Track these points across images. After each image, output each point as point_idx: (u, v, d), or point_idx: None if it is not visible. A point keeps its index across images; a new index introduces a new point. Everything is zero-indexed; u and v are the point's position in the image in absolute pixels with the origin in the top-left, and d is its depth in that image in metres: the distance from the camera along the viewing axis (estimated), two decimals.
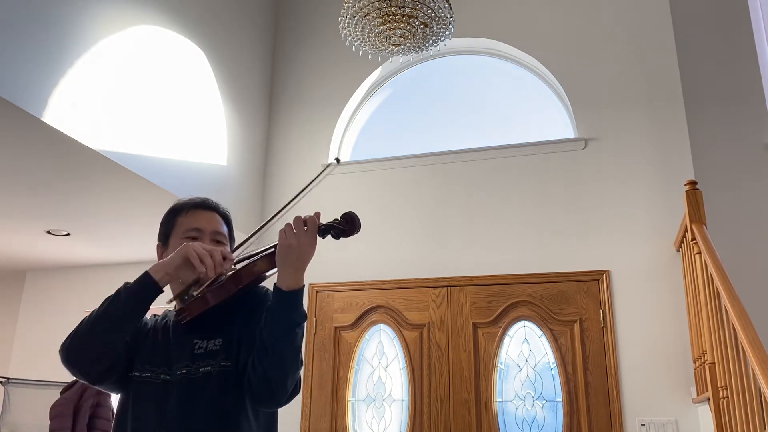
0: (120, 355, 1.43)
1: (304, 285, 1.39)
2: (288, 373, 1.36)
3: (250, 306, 1.50)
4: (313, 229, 1.38)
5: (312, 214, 1.41)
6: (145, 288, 1.37)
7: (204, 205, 1.61)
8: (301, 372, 1.43)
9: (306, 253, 1.37)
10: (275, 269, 1.42)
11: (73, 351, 1.37)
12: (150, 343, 1.51)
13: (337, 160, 1.51)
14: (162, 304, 1.48)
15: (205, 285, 1.44)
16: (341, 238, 1.43)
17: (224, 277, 1.46)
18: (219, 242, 1.57)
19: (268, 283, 1.49)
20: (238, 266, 1.50)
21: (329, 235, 1.43)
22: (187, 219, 1.57)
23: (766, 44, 3.76)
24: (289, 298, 1.36)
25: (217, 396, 1.40)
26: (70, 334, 1.39)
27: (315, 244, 1.39)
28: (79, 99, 2.95)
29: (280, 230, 1.39)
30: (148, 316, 1.63)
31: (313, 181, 1.48)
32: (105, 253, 4.77)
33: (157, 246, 1.61)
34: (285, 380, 1.36)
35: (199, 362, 1.42)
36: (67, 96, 2.88)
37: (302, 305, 1.38)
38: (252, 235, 1.57)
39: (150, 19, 3.49)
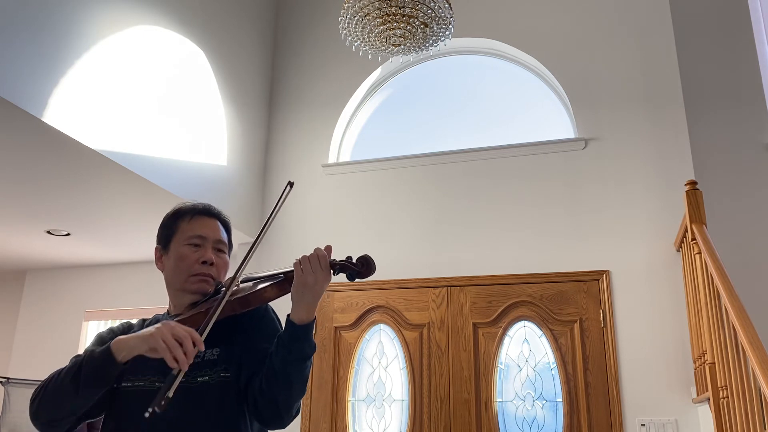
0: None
1: (315, 317, 1.40)
2: (295, 400, 1.40)
3: (250, 321, 1.50)
4: (327, 266, 1.39)
5: (323, 249, 1.41)
6: (107, 365, 1.32)
7: (207, 212, 1.60)
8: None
9: (320, 289, 1.38)
10: (284, 295, 1.44)
11: (35, 410, 1.38)
12: None
13: (291, 183, 1.50)
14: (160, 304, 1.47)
15: (209, 300, 1.44)
16: (356, 279, 1.44)
17: (228, 293, 1.44)
18: (220, 251, 1.57)
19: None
20: (242, 285, 1.49)
21: (342, 274, 1.43)
22: (191, 225, 1.56)
23: (766, 44, 3.76)
24: (302, 331, 1.37)
25: (217, 407, 1.40)
26: (38, 389, 1.39)
27: (329, 280, 1.39)
28: (79, 99, 2.95)
29: (295, 263, 1.39)
30: (134, 321, 1.64)
31: (279, 202, 1.48)
32: (105, 253, 4.77)
33: (156, 249, 1.60)
34: (291, 406, 1.40)
35: (196, 371, 1.41)
36: (67, 96, 2.88)
37: (312, 337, 1.40)
38: (247, 256, 1.50)
39: (150, 19, 3.49)
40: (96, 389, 1.34)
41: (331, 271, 1.41)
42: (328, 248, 1.42)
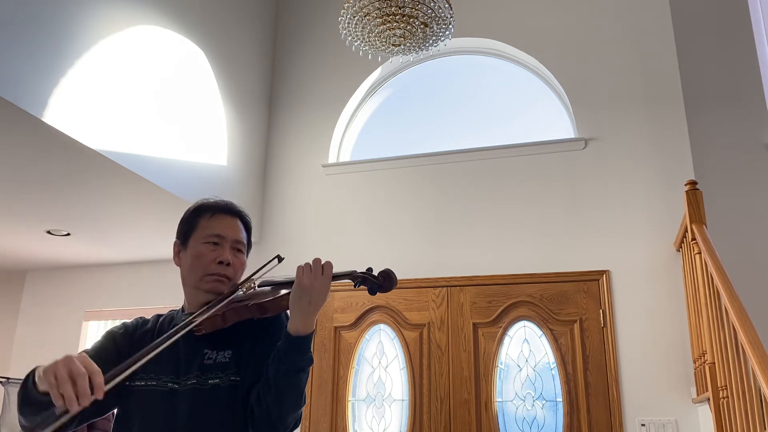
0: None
1: (314, 330, 1.37)
2: (288, 412, 1.36)
3: (263, 325, 1.47)
4: (329, 274, 1.37)
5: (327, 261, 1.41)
6: (33, 392, 1.22)
7: (228, 210, 1.57)
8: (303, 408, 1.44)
9: (318, 298, 1.35)
10: None
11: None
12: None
13: (279, 258, 1.55)
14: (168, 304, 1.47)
15: (226, 302, 1.44)
16: (377, 293, 1.44)
17: (245, 296, 1.45)
18: (239, 251, 1.55)
19: None
20: (259, 290, 1.49)
21: (363, 287, 1.43)
22: (210, 223, 1.53)
23: (766, 44, 3.76)
24: (297, 343, 1.34)
25: (226, 410, 1.39)
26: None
27: (328, 289, 1.37)
28: (79, 99, 2.95)
29: (298, 267, 1.37)
30: (148, 316, 1.62)
31: (263, 267, 1.53)
32: (105, 253, 4.77)
33: (175, 244, 1.57)
34: (285, 418, 1.36)
35: (208, 373, 1.41)
36: (67, 96, 2.88)
37: (310, 350, 1.36)
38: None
39: (150, 19, 3.49)
40: (36, 410, 1.24)
41: (354, 284, 1.41)
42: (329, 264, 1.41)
